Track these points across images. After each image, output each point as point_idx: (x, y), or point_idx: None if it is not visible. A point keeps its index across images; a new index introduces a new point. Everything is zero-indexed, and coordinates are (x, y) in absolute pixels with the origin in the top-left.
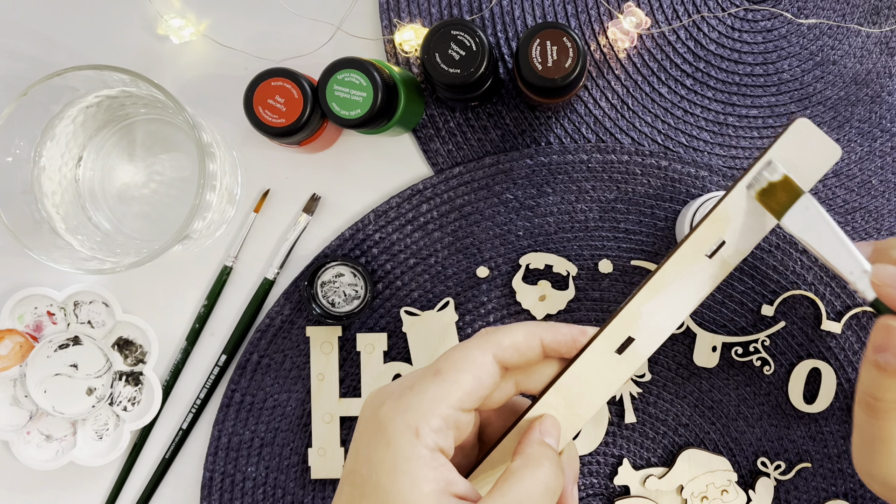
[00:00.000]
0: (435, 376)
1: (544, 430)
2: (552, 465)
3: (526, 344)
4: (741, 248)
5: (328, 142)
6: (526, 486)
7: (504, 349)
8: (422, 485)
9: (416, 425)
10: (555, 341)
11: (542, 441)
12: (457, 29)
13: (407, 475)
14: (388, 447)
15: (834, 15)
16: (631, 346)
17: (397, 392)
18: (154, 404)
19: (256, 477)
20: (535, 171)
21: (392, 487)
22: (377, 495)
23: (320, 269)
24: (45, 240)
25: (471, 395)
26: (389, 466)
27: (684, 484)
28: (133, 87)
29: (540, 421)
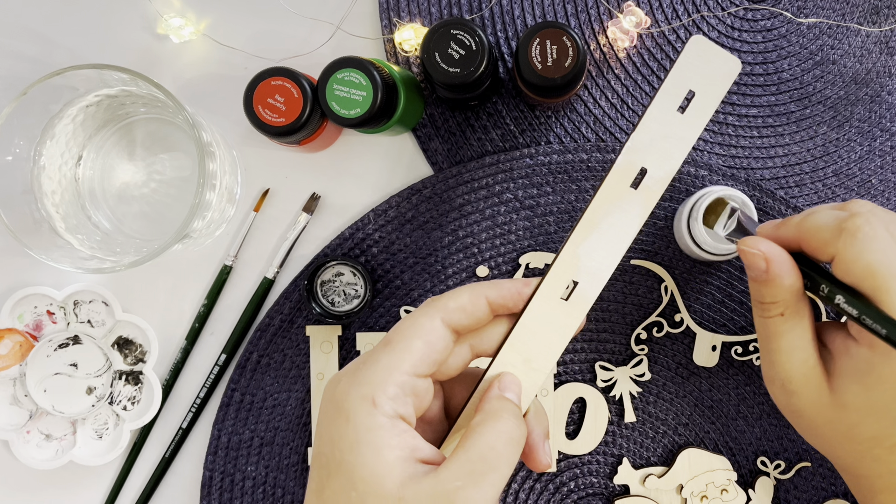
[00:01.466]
0: (385, 347)
1: (503, 386)
2: (511, 417)
3: (472, 303)
4: (663, 173)
5: (328, 141)
6: (487, 440)
7: (451, 311)
8: (385, 453)
9: (373, 395)
10: (500, 296)
11: (501, 396)
12: (456, 28)
13: (369, 445)
14: (347, 422)
15: (834, 14)
16: (576, 289)
17: (351, 369)
18: (154, 404)
19: (256, 476)
20: (534, 171)
21: (356, 460)
22: (342, 471)
23: (320, 268)
24: (44, 239)
25: (423, 360)
26: (351, 440)
27: (684, 483)
28: (133, 87)
29: (498, 378)
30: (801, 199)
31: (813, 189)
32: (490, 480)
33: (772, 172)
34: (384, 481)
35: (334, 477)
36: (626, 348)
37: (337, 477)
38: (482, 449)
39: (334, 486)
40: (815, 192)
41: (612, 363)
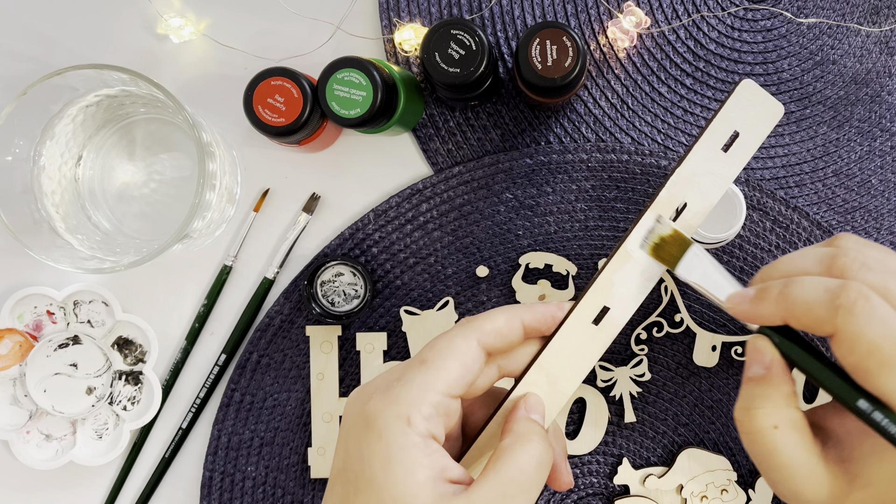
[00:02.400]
0: (421, 365)
1: (529, 407)
2: (541, 440)
3: (508, 327)
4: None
5: (328, 141)
6: (518, 462)
7: (487, 334)
8: (417, 473)
9: (408, 414)
10: (535, 320)
11: (529, 417)
12: (456, 28)
13: (401, 465)
14: (379, 439)
15: (834, 14)
16: (606, 315)
17: (383, 386)
18: (154, 404)
19: (256, 476)
20: (534, 171)
21: (387, 479)
22: (372, 489)
23: (320, 268)
24: (44, 239)
25: (458, 381)
26: (383, 458)
27: (684, 483)
28: (133, 87)
29: (524, 399)
30: (801, 199)
31: (813, 189)
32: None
33: (772, 172)
34: (415, 501)
35: (363, 493)
36: (625, 348)
37: (366, 494)
38: (512, 472)
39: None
40: (815, 192)
41: (612, 363)
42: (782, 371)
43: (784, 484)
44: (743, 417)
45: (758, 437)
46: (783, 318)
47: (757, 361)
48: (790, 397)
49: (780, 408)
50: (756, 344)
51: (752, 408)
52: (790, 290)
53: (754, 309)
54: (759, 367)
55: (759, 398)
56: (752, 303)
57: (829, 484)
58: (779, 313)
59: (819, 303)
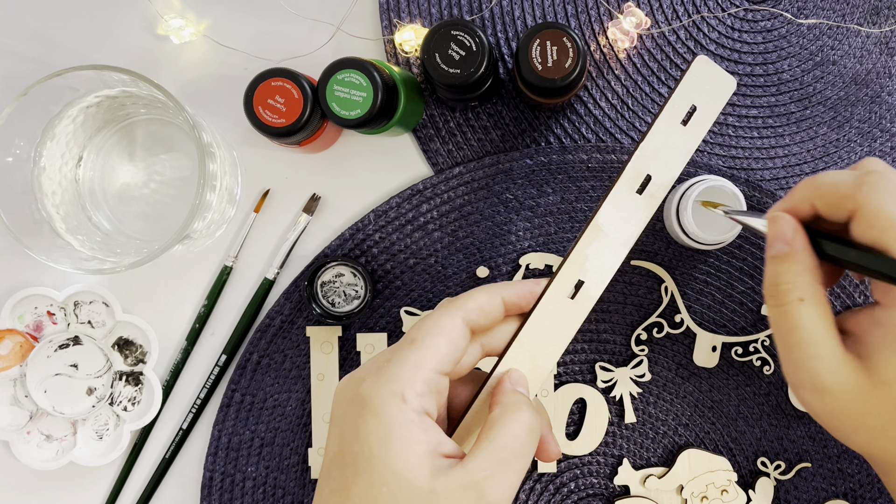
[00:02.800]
0: (411, 345)
1: (514, 381)
2: (529, 408)
3: (489, 303)
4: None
5: (328, 142)
6: (511, 429)
7: (470, 311)
8: (415, 447)
9: (402, 392)
10: (514, 295)
11: (515, 389)
12: (457, 29)
13: (399, 440)
14: (377, 418)
15: (834, 15)
16: (582, 289)
17: (374, 368)
18: (154, 404)
19: (256, 477)
20: (534, 171)
21: (388, 455)
22: (372, 467)
23: (320, 269)
24: (45, 240)
25: (447, 357)
26: (383, 435)
27: (684, 484)
28: (133, 87)
29: (507, 374)
30: None
31: None
32: (515, 468)
33: (772, 173)
34: (415, 474)
35: (363, 473)
36: (626, 349)
37: (366, 473)
38: (506, 439)
39: (362, 482)
40: None
41: (613, 364)
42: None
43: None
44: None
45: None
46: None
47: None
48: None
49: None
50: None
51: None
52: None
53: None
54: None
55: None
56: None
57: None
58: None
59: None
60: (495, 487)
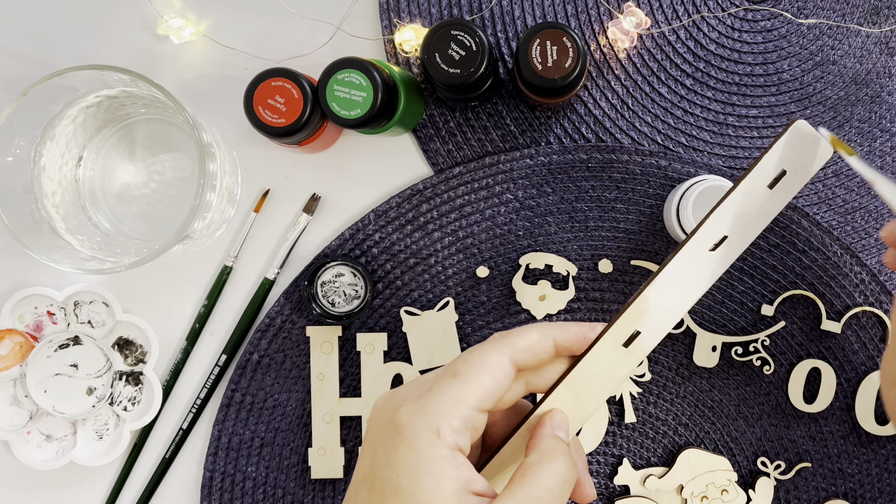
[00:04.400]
0: (454, 378)
1: (555, 424)
2: (566, 458)
3: (540, 345)
4: (742, 240)
5: (328, 142)
6: (544, 480)
7: (520, 350)
8: (444, 484)
9: (438, 426)
10: (567, 340)
11: (554, 435)
12: (457, 29)
13: (430, 475)
14: (409, 449)
15: (834, 15)
16: (637, 339)
17: (414, 395)
18: (154, 404)
19: (256, 477)
20: (534, 171)
21: (416, 488)
22: (399, 497)
23: (320, 268)
24: (45, 240)
25: (489, 395)
26: (413, 468)
27: (684, 484)
28: (133, 87)
29: (550, 415)
30: (802, 199)
31: (813, 189)
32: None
33: None
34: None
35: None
36: None
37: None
38: (538, 489)
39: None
40: (815, 193)
41: None
42: None
43: None
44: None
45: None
46: None
47: None
48: None
49: None
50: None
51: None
52: None
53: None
54: None
55: None
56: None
57: None
58: None
59: None
60: None
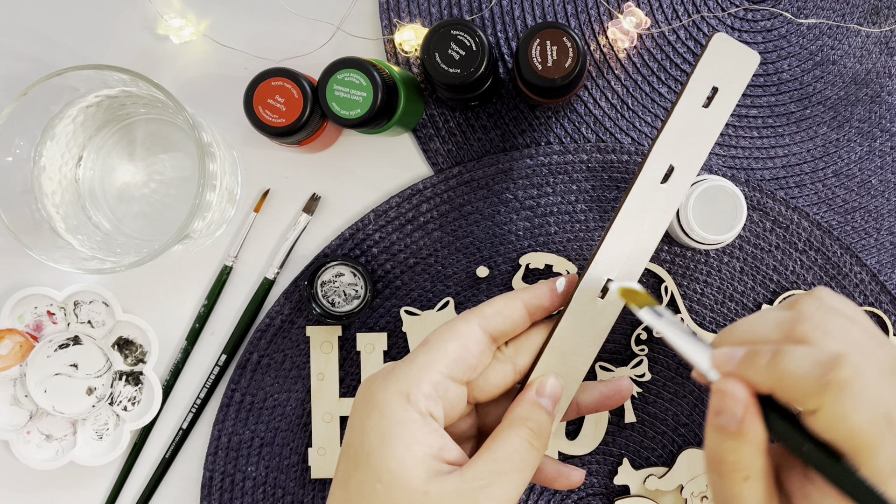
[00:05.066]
0: (423, 347)
1: (540, 391)
2: (537, 424)
3: (508, 308)
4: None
5: (328, 142)
6: (511, 442)
7: (488, 317)
8: (415, 448)
9: (407, 391)
10: (534, 297)
11: (533, 400)
12: (457, 29)
13: (399, 439)
14: (381, 414)
15: (834, 15)
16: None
17: (389, 368)
18: (154, 404)
19: (256, 477)
20: (534, 171)
21: (386, 452)
22: (370, 462)
23: (320, 268)
24: (45, 239)
25: (458, 362)
26: (382, 432)
27: (684, 483)
28: (133, 87)
29: (537, 382)
30: (802, 199)
31: (813, 189)
32: (513, 481)
33: (772, 173)
34: (411, 474)
35: (361, 468)
36: (626, 349)
37: (364, 468)
38: (506, 451)
39: (360, 476)
40: (815, 193)
41: (613, 363)
42: (755, 420)
43: None
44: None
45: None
46: (771, 388)
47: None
48: (762, 444)
49: (753, 458)
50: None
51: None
52: (779, 360)
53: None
54: (732, 420)
55: (732, 451)
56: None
57: None
58: (767, 383)
59: (809, 377)
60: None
